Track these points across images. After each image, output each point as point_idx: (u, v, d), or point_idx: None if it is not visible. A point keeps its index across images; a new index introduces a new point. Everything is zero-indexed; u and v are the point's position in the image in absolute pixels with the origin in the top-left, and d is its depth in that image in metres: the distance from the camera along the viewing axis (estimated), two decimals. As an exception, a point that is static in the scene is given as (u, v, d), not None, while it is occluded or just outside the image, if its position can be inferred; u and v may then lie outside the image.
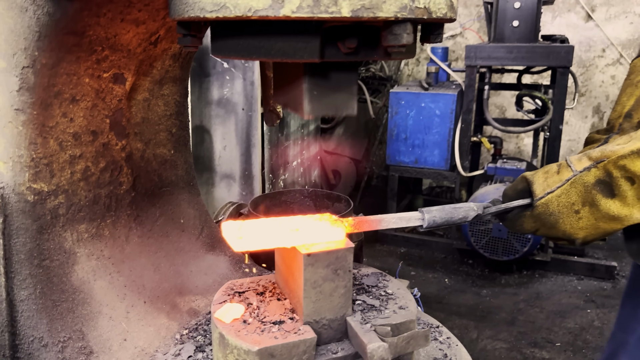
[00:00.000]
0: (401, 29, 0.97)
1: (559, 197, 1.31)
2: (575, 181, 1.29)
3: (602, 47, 5.80)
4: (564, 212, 1.31)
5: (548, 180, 1.35)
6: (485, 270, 4.62)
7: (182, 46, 1.10)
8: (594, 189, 1.27)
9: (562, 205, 1.31)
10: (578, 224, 1.31)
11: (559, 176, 1.33)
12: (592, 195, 1.27)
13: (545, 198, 1.33)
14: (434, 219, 1.34)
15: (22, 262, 1.30)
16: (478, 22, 6.13)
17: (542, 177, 1.37)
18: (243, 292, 1.32)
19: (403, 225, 1.35)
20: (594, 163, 1.27)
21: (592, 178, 1.27)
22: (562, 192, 1.31)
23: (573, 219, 1.31)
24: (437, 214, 1.35)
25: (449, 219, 1.36)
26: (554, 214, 1.33)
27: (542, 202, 1.34)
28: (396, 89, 5.04)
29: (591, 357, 3.39)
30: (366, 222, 1.30)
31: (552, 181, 1.33)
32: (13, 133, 1.26)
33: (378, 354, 1.08)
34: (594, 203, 1.28)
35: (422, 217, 1.35)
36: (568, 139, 6.02)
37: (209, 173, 3.49)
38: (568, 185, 1.30)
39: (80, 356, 1.33)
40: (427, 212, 1.35)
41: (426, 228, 1.35)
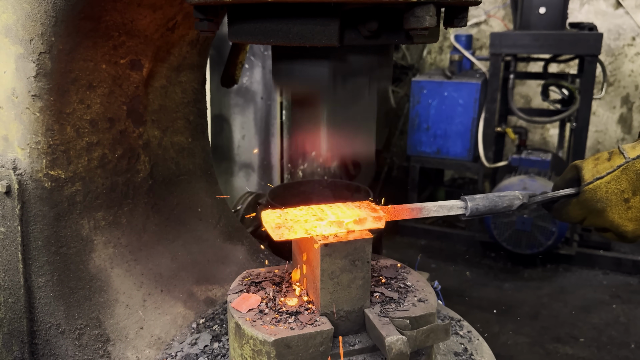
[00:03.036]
0: (424, 11, 0.93)
1: (608, 183, 1.26)
2: (627, 168, 1.24)
3: (632, 35, 5.61)
4: (613, 200, 1.26)
5: (598, 166, 1.30)
6: (508, 264, 4.54)
7: (199, 31, 1.08)
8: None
9: (611, 192, 1.26)
10: (627, 214, 1.26)
11: (610, 162, 1.28)
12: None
13: (593, 184, 1.28)
14: (477, 207, 1.29)
15: (40, 249, 1.30)
16: (503, 10, 5.99)
17: (591, 163, 1.32)
18: (260, 282, 1.30)
19: (444, 214, 1.30)
20: None
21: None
22: (612, 179, 1.26)
23: (622, 208, 1.26)
24: (481, 202, 1.30)
25: (492, 207, 1.31)
26: (602, 200, 1.27)
27: (590, 187, 1.29)
28: (418, 78, 4.96)
29: (616, 354, 3.31)
30: (406, 210, 1.27)
31: (602, 167, 1.29)
32: (30, 119, 1.26)
33: (397, 347, 1.05)
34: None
35: (465, 205, 1.30)
36: (595, 130, 5.86)
37: (227, 162, 3.49)
38: (619, 172, 1.25)
39: (97, 344, 1.33)
40: (470, 200, 1.30)
41: (469, 217, 1.30)
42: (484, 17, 6.09)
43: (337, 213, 1.20)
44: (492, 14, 6.04)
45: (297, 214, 1.20)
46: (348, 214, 1.19)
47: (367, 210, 1.21)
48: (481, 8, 6.01)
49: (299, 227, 1.14)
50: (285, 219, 1.17)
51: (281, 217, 1.18)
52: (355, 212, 1.20)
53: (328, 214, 1.19)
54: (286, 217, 1.18)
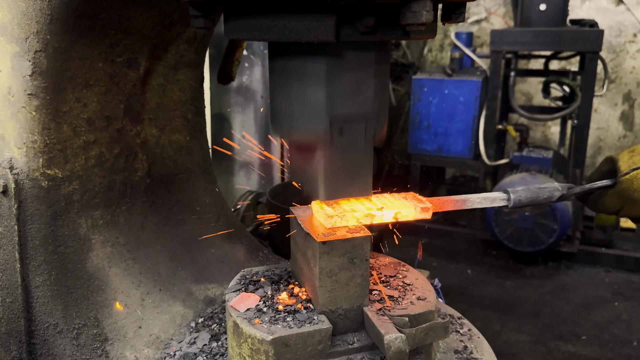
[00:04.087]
0: (420, 6, 0.93)
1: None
2: None
3: (634, 31, 5.59)
4: None
5: (634, 157, 1.35)
6: (510, 262, 4.53)
7: (196, 28, 1.07)
8: None
9: None
10: None
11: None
12: None
13: (630, 174, 1.33)
14: (520, 199, 1.33)
15: (37, 248, 1.29)
16: (504, 7, 5.97)
17: (627, 155, 1.38)
18: (258, 281, 1.30)
19: (487, 205, 1.34)
20: None
21: None
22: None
23: None
24: (523, 193, 1.34)
25: (534, 198, 1.34)
26: (639, 190, 1.32)
27: (627, 177, 1.34)
28: (419, 76, 4.95)
29: (618, 351, 3.30)
30: (451, 202, 1.29)
31: (638, 159, 1.34)
32: (26, 118, 1.25)
33: (395, 345, 1.04)
34: None
35: (508, 197, 1.34)
36: (597, 127, 5.84)
37: (228, 161, 3.48)
38: None
39: (95, 343, 1.33)
40: (513, 192, 1.34)
41: (512, 208, 1.34)
42: (484, 15, 6.07)
43: (386, 204, 1.21)
44: (493, 11, 6.03)
45: (348, 204, 1.21)
46: (396, 204, 1.21)
47: (414, 201, 1.22)
48: (482, 5, 6.00)
49: (350, 215, 1.15)
50: (336, 208, 1.18)
51: (333, 208, 1.19)
52: (403, 203, 1.21)
53: (377, 204, 1.21)
54: (337, 207, 1.19)
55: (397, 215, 1.18)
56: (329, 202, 1.21)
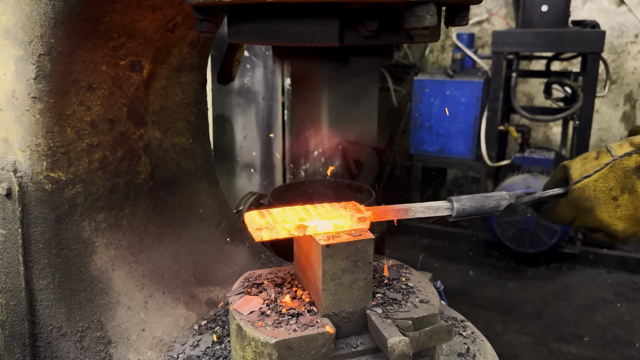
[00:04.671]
0: (424, 10, 0.93)
1: (596, 181, 1.26)
2: (615, 166, 1.24)
3: (635, 32, 5.59)
4: (601, 199, 1.25)
5: (586, 165, 1.30)
6: (512, 263, 4.52)
7: (199, 32, 1.08)
8: (634, 174, 1.21)
9: (599, 190, 1.26)
10: (616, 212, 1.25)
11: (598, 161, 1.28)
12: (631, 181, 1.22)
13: (581, 182, 1.28)
14: (464, 208, 1.28)
15: (41, 251, 1.30)
16: (505, 8, 5.97)
17: (579, 162, 1.33)
18: (261, 284, 1.30)
19: (431, 215, 1.29)
20: (636, 149, 1.23)
21: (633, 163, 1.22)
22: (600, 177, 1.26)
23: (610, 206, 1.25)
24: (467, 202, 1.29)
25: (479, 208, 1.29)
26: (590, 199, 1.27)
27: (578, 186, 1.29)
28: (420, 77, 4.95)
29: (621, 352, 3.30)
30: (392, 211, 1.26)
31: (590, 166, 1.29)
32: (30, 121, 1.25)
33: (399, 349, 1.04)
34: (633, 190, 1.22)
35: (451, 206, 1.29)
36: (598, 128, 5.84)
37: (229, 163, 3.48)
38: (606, 170, 1.25)
39: (99, 346, 1.33)
40: (456, 201, 1.29)
41: (455, 218, 1.29)
42: (486, 16, 6.07)
43: (322, 214, 1.20)
44: (494, 12, 6.03)
45: (281, 214, 1.19)
46: (333, 214, 1.19)
47: (352, 211, 1.21)
48: (483, 6, 5.99)
49: (280, 228, 1.14)
50: (267, 220, 1.17)
51: (264, 218, 1.18)
52: (340, 213, 1.20)
53: (313, 214, 1.19)
54: (269, 218, 1.18)
55: (331, 227, 1.16)
56: (261, 213, 1.19)
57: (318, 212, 1.21)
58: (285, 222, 1.15)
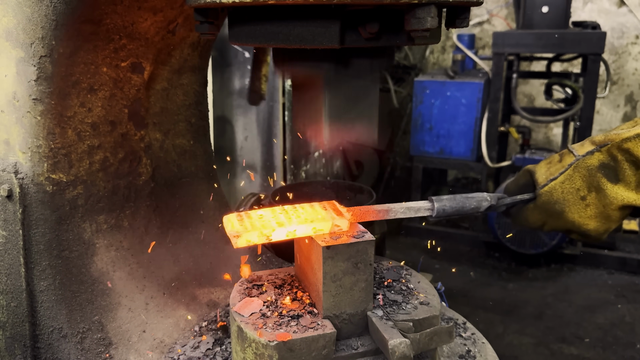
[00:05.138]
0: (425, 12, 0.93)
1: (562, 183, 1.26)
2: (578, 165, 1.24)
3: (636, 33, 5.59)
4: (570, 200, 1.25)
5: (551, 168, 1.30)
6: (512, 264, 4.52)
7: (200, 34, 1.08)
8: (598, 172, 1.21)
9: (566, 192, 1.26)
10: (586, 212, 1.25)
11: (562, 163, 1.28)
12: (597, 179, 1.22)
13: (548, 186, 1.28)
14: (444, 209, 1.29)
15: (42, 252, 1.30)
16: (506, 9, 5.97)
17: (544, 166, 1.32)
18: (262, 285, 1.30)
19: (412, 215, 1.30)
20: (597, 147, 1.22)
21: (596, 161, 1.22)
22: (566, 178, 1.25)
23: (580, 206, 1.25)
24: (448, 203, 1.30)
25: (459, 208, 1.30)
26: (559, 202, 1.27)
27: (546, 190, 1.28)
28: (421, 78, 4.95)
29: (622, 354, 3.29)
30: (372, 212, 1.26)
31: (555, 169, 1.29)
32: (31, 123, 1.26)
33: (400, 350, 1.04)
34: (600, 188, 1.22)
35: (432, 206, 1.30)
36: (599, 129, 5.83)
37: (230, 164, 3.48)
38: (571, 170, 1.25)
39: (99, 347, 1.33)
40: (437, 200, 1.30)
41: (435, 218, 1.30)
42: (486, 17, 6.07)
43: (301, 215, 1.19)
44: (495, 13, 6.03)
45: (260, 219, 1.19)
46: (312, 216, 1.19)
47: (332, 212, 1.21)
48: (484, 7, 5.99)
49: (259, 233, 1.14)
50: (245, 224, 1.17)
51: (242, 222, 1.17)
52: (318, 215, 1.19)
53: (292, 218, 1.19)
54: (247, 222, 1.17)
55: (309, 229, 1.16)
56: (240, 217, 1.19)
57: (297, 214, 1.21)
58: (264, 228, 1.15)
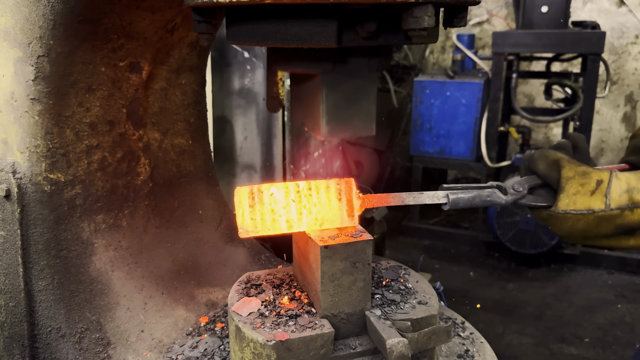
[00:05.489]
0: (422, 12, 0.93)
1: (577, 221, 1.19)
2: (602, 218, 1.16)
3: (636, 33, 5.59)
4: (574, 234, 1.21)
5: (577, 195, 1.19)
6: (512, 264, 4.52)
7: (198, 33, 1.08)
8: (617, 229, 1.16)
9: (574, 228, 1.20)
10: (580, 241, 1.24)
11: (590, 200, 1.17)
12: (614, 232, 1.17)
13: (564, 215, 1.20)
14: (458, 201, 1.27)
15: (40, 252, 1.30)
16: (505, 9, 5.97)
17: (574, 187, 1.20)
18: (260, 285, 1.30)
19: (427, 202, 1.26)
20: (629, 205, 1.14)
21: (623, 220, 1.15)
22: (583, 219, 1.18)
23: (578, 239, 1.22)
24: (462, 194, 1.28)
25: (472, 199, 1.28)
26: (564, 230, 1.22)
27: (561, 216, 1.21)
28: (420, 78, 4.95)
29: (621, 354, 3.29)
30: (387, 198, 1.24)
31: (580, 201, 1.18)
32: (29, 123, 1.25)
33: (398, 350, 1.04)
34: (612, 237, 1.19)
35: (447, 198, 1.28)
36: (599, 129, 5.83)
37: (230, 164, 3.48)
38: (593, 219, 1.17)
39: (98, 347, 1.33)
40: (452, 193, 1.27)
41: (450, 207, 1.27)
42: (486, 17, 6.07)
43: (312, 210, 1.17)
44: (495, 13, 6.03)
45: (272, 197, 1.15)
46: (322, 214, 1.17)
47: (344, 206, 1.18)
48: (483, 7, 6.00)
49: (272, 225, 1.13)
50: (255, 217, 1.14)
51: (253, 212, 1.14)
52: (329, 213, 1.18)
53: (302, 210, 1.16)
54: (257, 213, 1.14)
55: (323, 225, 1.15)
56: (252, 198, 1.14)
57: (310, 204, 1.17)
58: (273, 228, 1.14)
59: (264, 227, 1.14)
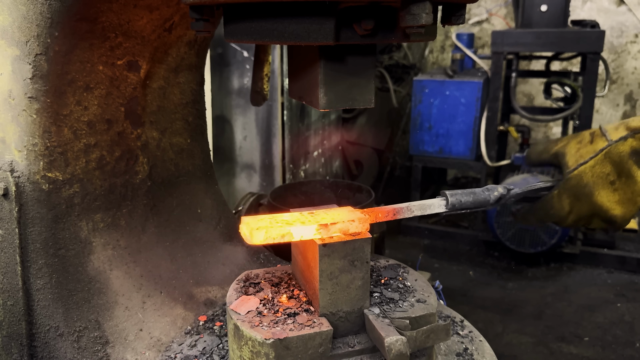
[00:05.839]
0: (420, 9, 0.93)
1: (592, 167, 1.25)
2: (610, 151, 1.23)
3: (635, 32, 5.59)
4: (599, 183, 1.25)
5: (581, 150, 1.29)
6: (512, 263, 4.52)
7: (196, 31, 1.07)
8: (630, 158, 1.21)
9: (596, 175, 1.25)
10: (614, 196, 1.25)
11: (593, 146, 1.27)
12: (628, 165, 1.21)
13: (578, 170, 1.27)
14: (458, 202, 1.31)
15: (38, 251, 1.30)
16: (505, 8, 5.97)
17: (574, 147, 1.31)
18: (258, 283, 1.30)
19: (427, 213, 1.31)
20: (631, 132, 1.21)
21: (628, 148, 1.21)
22: (597, 163, 1.25)
23: (609, 190, 1.25)
24: (462, 197, 1.32)
25: (473, 201, 1.32)
26: (589, 185, 1.26)
27: (575, 174, 1.27)
28: (420, 77, 4.95)
29: (621, 353, 3.29)
30: (386, 212, 1.26)
31: (586, 151, 1.28)
32: (27, 121, 1.25)
33: (396, 348, 1.04)
34: (630, 174, 1.22)
35: (446, 201, 1.31)
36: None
37: (229, 163, 3.49)
38: (602, 156, 1.24)
39: (96, 346, 1.33)
40: (451, 195, 1.31)
41: (449, 212, 1.31)
42: (485, 16, 6.07)
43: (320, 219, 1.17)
44: (494, 12, 6.03)
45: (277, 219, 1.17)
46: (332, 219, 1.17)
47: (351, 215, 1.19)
48: (483, 6, 6.00)
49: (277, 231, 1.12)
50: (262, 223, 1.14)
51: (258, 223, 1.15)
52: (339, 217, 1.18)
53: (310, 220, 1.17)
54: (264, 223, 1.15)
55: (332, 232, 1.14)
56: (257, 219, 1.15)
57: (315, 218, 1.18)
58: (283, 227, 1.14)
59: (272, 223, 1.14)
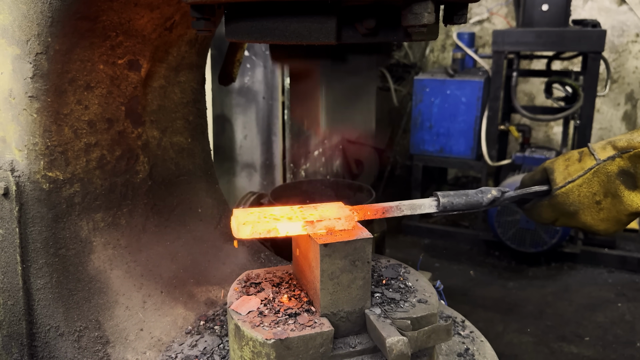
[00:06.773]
0: (422, 8, 0.92)
1: (580, 186, 1.27)
2: (598, 170, 1.24)
3: (636, 31, 5.58)
4: (585, 203, 1.26)
5: (569, 168, 1.30)
6: (512, 262, 4.51)
7: (197, 30, 1.07)
8: (617, 179, 1.21)
9: (583, 195, 1.27)
10: (599, 215, 1.26)
11: (581, 164, 1.28)
12: (615, 185, 1.22)
13: (565, 187, 1.28)
14: (450, 204, 1.31)
15: (38, 250, 1.29)
16: (506, 7, 5.96)
17: (562, 164, 1.32)
18: (259, 283, 1.29)
19: (417, 212, 1.31)
20: (618, 152, 1.22)
21: (616, 168, 1.22)
22: (584, 182, 1.26)
23: (594, 210, 1.26)
24: (453, 199, 1.32)
25: (465, 203, 1.32)
26: (574, 204, 1.28)
27: (562, 191, 1.29)
28: (420, 76, 4.94)
29: (622, 352, 3.29)
30: (376, 210, 1.26)
31: (574, 169, 1.28)
32: (27, 121, 1.25)
33: (397, 348, 1.04)
34: (616, 194, 1.22)
35: (437, 202, 1.32)
36: (599, 127, 5.83)
37: (229, 162, 3.48)
38: (590, 175, 1.25)
39: (97, 346, 1.33)
40: (442, 196, 1.32)
41: (441, 213, 1.31)
42: (486, 15, 6.06)
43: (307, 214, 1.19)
44: (495, 12, 6.01)
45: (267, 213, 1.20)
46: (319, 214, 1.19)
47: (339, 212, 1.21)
48: (484, 6, 5.98)
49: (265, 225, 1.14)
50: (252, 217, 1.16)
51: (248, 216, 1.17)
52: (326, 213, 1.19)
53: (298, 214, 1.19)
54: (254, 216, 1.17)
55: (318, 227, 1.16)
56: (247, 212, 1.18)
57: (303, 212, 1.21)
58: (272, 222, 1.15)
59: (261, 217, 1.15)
